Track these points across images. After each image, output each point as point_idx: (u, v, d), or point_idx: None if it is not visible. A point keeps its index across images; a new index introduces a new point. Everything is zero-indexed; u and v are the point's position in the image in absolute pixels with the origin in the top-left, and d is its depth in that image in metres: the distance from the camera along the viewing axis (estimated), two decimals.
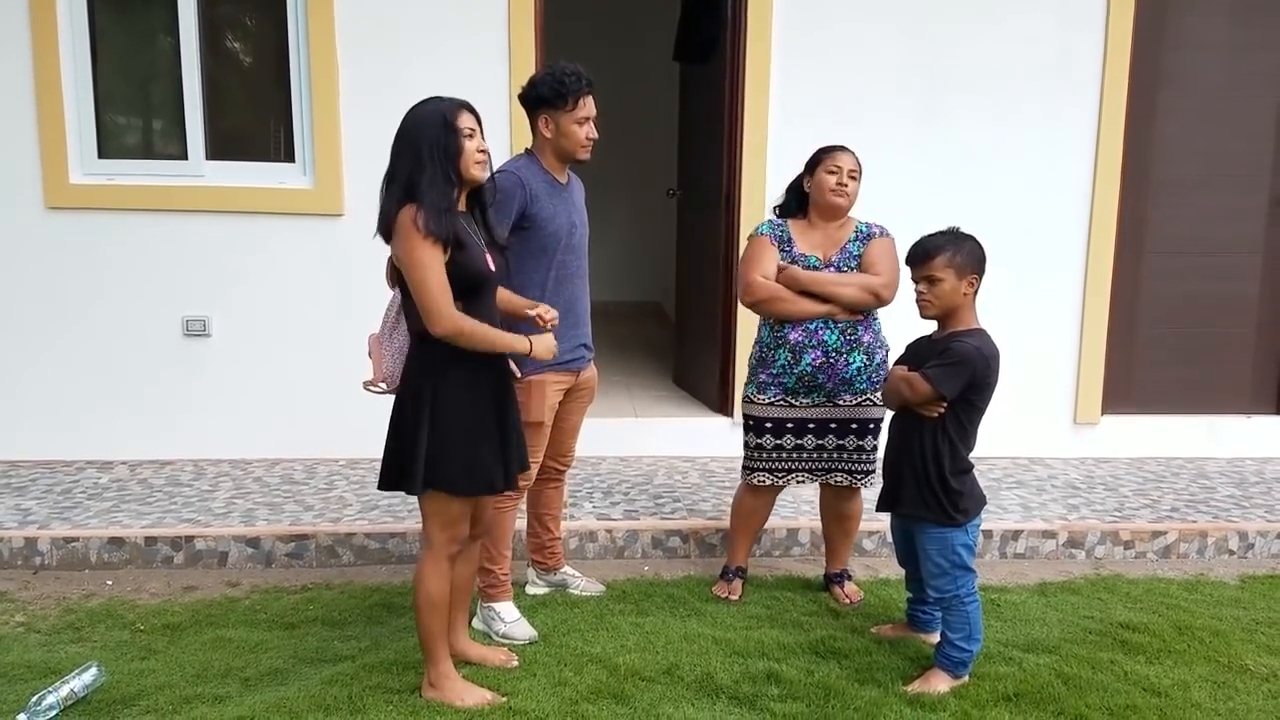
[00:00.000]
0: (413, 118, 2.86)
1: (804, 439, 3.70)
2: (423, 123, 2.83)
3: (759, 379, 3.71)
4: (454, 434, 2.87)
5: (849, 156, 3.65)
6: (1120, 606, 3.86)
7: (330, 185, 5.10)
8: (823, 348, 3.59)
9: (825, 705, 3.02)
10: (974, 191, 5.30)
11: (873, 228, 3.72)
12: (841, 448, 3.71)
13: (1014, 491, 4.96)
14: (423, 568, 2.99)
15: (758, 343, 3.76)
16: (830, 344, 3.59)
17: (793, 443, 3.70)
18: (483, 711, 2.95)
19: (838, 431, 3.70)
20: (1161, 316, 5.64)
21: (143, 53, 5.31)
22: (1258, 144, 5.53)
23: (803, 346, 3.60)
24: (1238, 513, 4.73)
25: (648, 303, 9.76)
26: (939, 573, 3.18)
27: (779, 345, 3.64)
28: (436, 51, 5.05)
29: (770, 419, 3.69)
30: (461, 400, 2.88)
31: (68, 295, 5.11)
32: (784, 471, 3.74)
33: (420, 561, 3.01)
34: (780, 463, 3.73)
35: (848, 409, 3.67)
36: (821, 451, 3.71)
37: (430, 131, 2.81)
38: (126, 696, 3.07)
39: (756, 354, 3.76)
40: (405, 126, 2.85)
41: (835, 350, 3.60)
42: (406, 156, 2.81)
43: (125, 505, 4.55)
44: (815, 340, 3.59)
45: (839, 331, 3.60)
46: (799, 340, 3.60)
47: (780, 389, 3.66)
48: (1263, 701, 3.15)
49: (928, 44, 5.26)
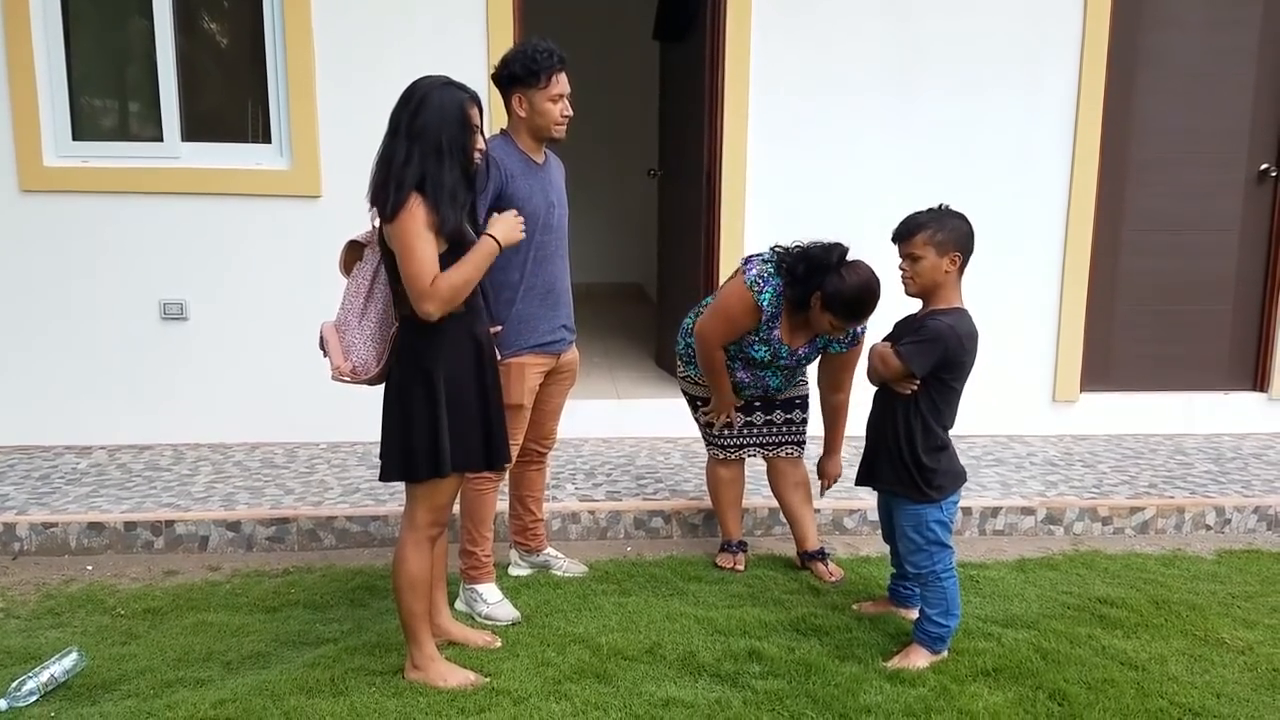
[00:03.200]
0: (434, 109, 2.79)
1: (752, 415, 3.89)
2: (446, 117, 2.79)
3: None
4: (463, 418, 2.89)
5: (870, 300, 3.44)
6: (1098, 582, 3.89)
7: (307, 166, 5.06)
8: (764, 388, 3.82)
9: (806, 682, 3.05)
10: (952, 168, 5.31)
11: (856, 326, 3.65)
12: (789, 421, 3.90)
13: (993, 469, 4.99)
14: (403, 550, 2.98)
15: None
16: (773, 387, 3.83)
17: (742, 419, 3.88)
18: (465, 692, 2.96)
19: (784, 406, 3.89)
20: (1140, 294, 5.67)
21: (117, 33, 5.25)
22: (1235, 122, 5.55)
23: (747, 385, 3.80)
24: (1214, 488, 4.77)
25: (629, 284, 9.74)
26: (915, 549, 3.20)
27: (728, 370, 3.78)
28: (413, 31, 5.00)
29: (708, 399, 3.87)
30: (466, 384, 2.91)
31: (43, 279, 5.06)
32: (737, 446, 3.92)
33: (400, 544, 3.00)
34: (733, 438, 3.91)
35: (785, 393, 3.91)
36: (770, 426, 3.89)
37: (451, 128, 2.79)
38: (107, 681, 3.06)
39: None
40: (424, 114, 2.78)
41: (776, 390, 3.84)
42: (424, 146, 2.77)
43: (104, 490, 4.52)
44: (760, 384, 3.80)
45: (782, 377, 3.79)
46: (745, 380, 3.79)
47: None
48: (1238, 674, 3.19)
49: (907, 19, 5.25)
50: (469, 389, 2.94)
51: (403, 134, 2.79)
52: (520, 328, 3.45)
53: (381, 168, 2.81)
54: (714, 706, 2.91)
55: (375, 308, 2.96)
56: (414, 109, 2.80)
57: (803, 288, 3.52)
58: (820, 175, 5.30)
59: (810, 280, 3.49)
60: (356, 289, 2.99)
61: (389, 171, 2.78)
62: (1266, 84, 5.53)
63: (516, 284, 3.42)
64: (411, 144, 2.78)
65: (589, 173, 7.77)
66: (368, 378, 2.96)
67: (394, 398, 2.93)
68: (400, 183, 2.75)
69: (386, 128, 2.84)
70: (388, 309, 2.96)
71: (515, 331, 3.44)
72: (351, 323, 2.97)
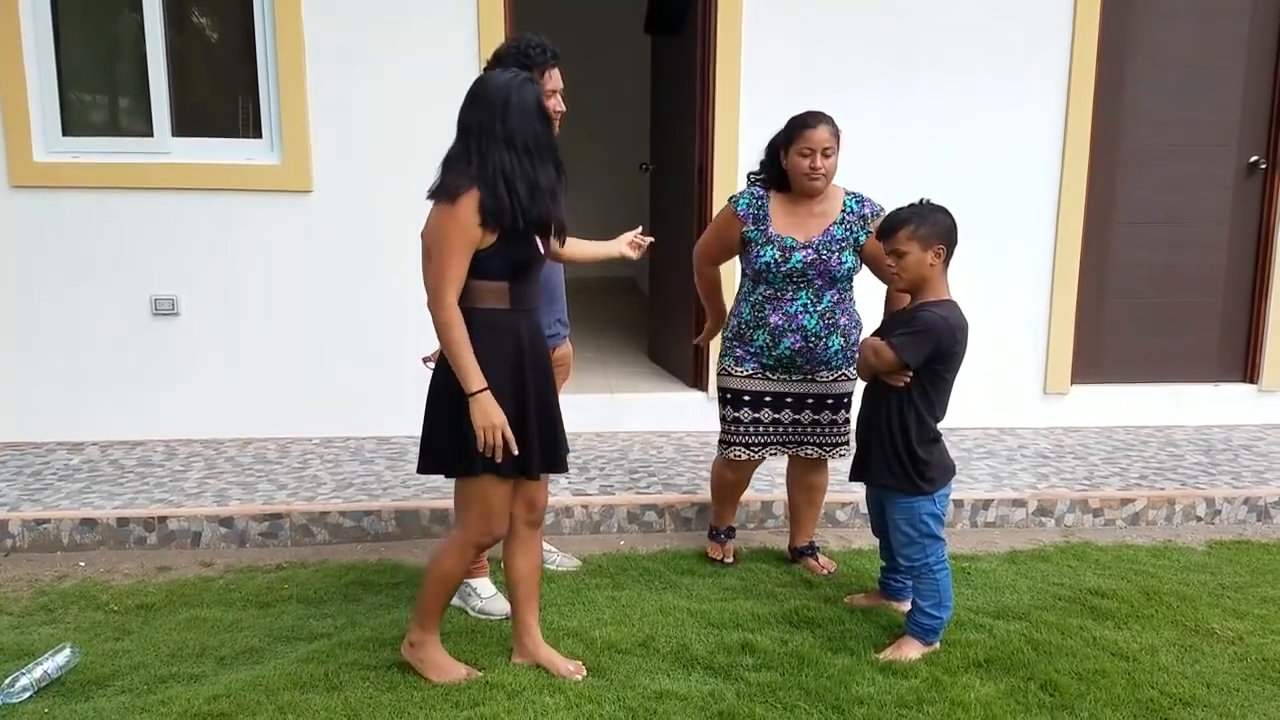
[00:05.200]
0: (517, 109, 2.76)
1: (781, 413, 3.70)
2: (529, 114, 2.78)
3: (736, 353, 3.70)
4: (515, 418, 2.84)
5: (822, 132, 3.47)
6: (1089, 573, 3.91)
7: (298, 161, 5.05)
8: (802, 333, 3.58)
9: (799, 674, 3.06)
10: (943, 162, 5.31)
11: (864, 205, 3.61)
12: (816, 422, 3.72)
13: (984, 461, 5.01)
14: (447, 543, 2.98)
15: (735, 316, 3.73)
16: (810, 329, 3.58)
17: (770, 416, 3.70)
18: (459, 686, 2.96)
19: (814, 406, 3.70)
20: (1130, 286, 5.69)
21: (106, 28, 5.23)
22: (1226, 114, 5.57)
23: (782, 330, 3.58)
24: (1205, 480, 4.79)
25: (622, 278, 9.73)
26: (908, 541, 3.22)
27: (758, 326, 3.62)
28: (404, 25, 4.99)
29: (748, 392, 3.69)
30: (501, 384, 2.80)
31: (33, 275, 5.04)
32: (760, 445, 3.73)
33: (449, 540, 2.99)
34: (757, 436, 3.72)
35: (823, 384, 3.68)
36: (797, 425, 3.72)
37: (528, 125, 2.77)
38: (101, 677, 3.06)
39: (734, 328, 3.72)
40: (510, 114, 2.76)
41: (815, 335, 3.59)
42: (510, 145, 2.75)
43: (97, 486, 4.51)
44: (795, 325, 3.58)
45: (818, 316, 3.58)
46: (779, 324, 3.58)
47: (758, 364, 3.67)
48: (1228, 664, 3.21)
49: (897, 14, 5.25)
50: (517, 389, 2.85)
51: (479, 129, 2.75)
52: None
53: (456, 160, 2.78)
54: (707, 699, 2.92)
55: None
56: (501, 111, 2.75)
57: (773, 167, 3.62)
58: None
59: (774, 159, 3.61)
60: None
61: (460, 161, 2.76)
62: (1256, 76, 5.54)
63: None
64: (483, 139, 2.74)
65: (581, 167, 7.75)
66: None
67: (432, 389, 2.90)
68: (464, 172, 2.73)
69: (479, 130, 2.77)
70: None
71: None
72: None
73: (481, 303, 2.81)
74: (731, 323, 3.75)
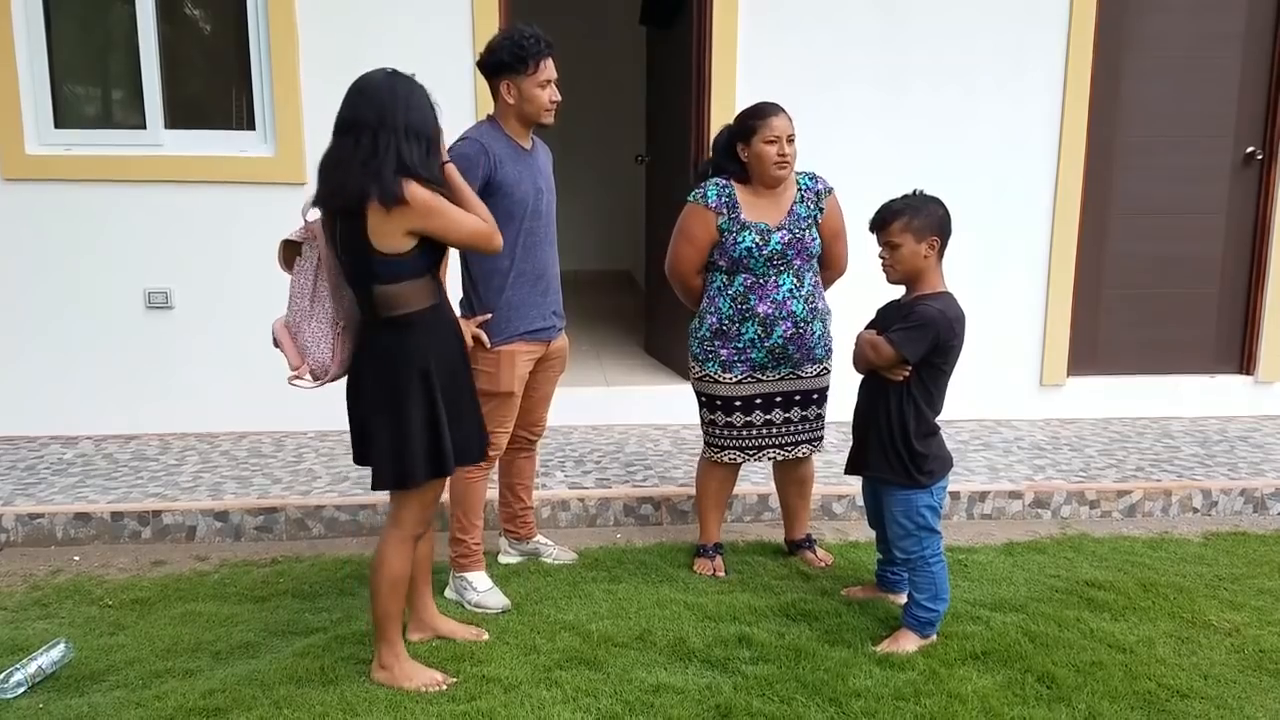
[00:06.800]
0: (419, 99, 2.81)
1: (771, 413, 3.68)
2: (426, 104, 2.81)
3: (721, 356, 3.62)
4: (461, 409, 2.90)
5: (784, 119, 3.51)
6: (1086, 565, 3.91)
7: (292, 153, 5.02)
8: (792, 319, 3.57)
9: (796, 666, 3.06)
10: (939, 154, 5.29)
11: (817, 183, 3.67)
12: (805, 418, 3.72)
13: (981, 453, 5.01)
14: (386, 548, 2.92)
15: (711, 313, 3.64)
16: (799, 314, 3.58)
17: (761, 418, 3.68)
18: (454, 681, 2.96)
19: (800, 403, 3.70)
20: (1126, 278, 5.68)
21: (98, 20, 5.20)
22: (1222, 105, 5.56)
23: (773, 319, 3.56)
24: (1201, 471, 4.80)
25: (618, 271, 9.72)
26: (904, 534, 3.21)
27: (746, 319, 3.57)
28: (398, 15, 4.96)
29: (739, 397, 3.65)
30: (459, 372, 2.91)
31: (26, 268, 5.02)
32: (755, 448, 3.70)
33: (384, 541, 2.94)
34: (750, 440, 3.70)
35: (809, 380, 3.69)
36: (787, 424, 3.71)
37: (430, 115, 2.81)
38: (95, 672, 3.05)
39: (713, 326, 3.62)
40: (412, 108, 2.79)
41: (803, 320, 3.59)
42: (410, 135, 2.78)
43: (91, 480, 4.50)
44: (784, 312, 3.56)
45: (803, 301, 3.59)
46: (769, 313, 3.55)
47: (748, 365, 3.61)
48: (1225, 656, 3.21)
49: (894, 7, 5.23)
50: (461, 377, 2.94)
51: (392, 127, 2.75)
52: (510, 315, 3.44)
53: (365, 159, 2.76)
54: (704, 692, 2.92)
55: (321, 307, 2.89)
56: (403, 102, 2.77)
57: (730, 158, 3.61)
58: (805, 164, 5.25)
59: (729, 152, 3.60)
60: (300, 288, 2.92)
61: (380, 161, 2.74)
62: (1252, 68, 5.53)
63: (506, 270, 3.41)
64: (396, 135, 2.75)
65: (577, 159, 7.76)
66: (327, 379, 2.91)
67: (382, 403, 2.83)
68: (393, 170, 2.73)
69: (360, 123, 2.80)
70: (336, 307, 2.88)
71: (505, 318, 3.43)
72: (303, 326, 2.91)
73: (417, 304, 2.81)
74: (708, 320, 3.65)
